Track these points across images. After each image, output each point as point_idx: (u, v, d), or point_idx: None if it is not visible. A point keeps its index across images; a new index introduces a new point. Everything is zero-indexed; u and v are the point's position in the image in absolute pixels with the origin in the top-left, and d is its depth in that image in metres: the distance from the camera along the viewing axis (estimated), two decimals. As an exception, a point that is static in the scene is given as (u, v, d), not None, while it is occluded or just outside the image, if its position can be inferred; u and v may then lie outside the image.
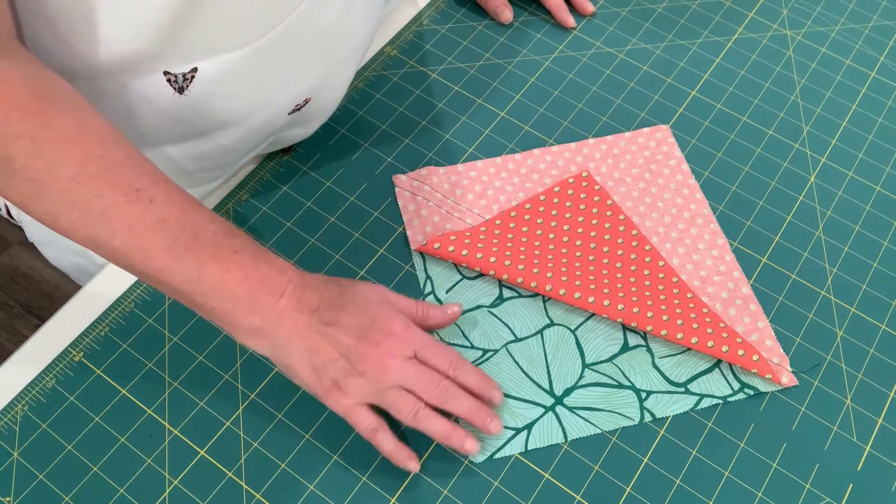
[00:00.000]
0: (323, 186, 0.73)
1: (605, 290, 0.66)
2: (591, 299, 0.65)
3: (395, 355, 0.56)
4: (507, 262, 0.67)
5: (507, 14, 0.84)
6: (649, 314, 0.64)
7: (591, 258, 0.69)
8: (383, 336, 0.56)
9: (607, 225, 0.71)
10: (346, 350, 0.56)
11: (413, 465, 0.58)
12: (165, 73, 0.57)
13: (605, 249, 0.69)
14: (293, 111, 0.67)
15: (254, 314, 0.55)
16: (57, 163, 0.50)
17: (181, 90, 0.58)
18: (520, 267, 0.67)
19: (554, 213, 0.71)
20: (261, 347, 0.57)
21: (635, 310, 0.65)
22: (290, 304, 0.56)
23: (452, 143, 0.76)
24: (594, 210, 0.72)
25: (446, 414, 0.58)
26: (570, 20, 0.85)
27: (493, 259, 0.67)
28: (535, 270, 0.67)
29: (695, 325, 0.64)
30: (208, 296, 0.54)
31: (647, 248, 0.70)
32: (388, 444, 0.57)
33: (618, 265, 0.68)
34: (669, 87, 0.82)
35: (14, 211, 0.76)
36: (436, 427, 0.57)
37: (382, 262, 0.69)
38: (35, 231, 0.77)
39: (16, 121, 0.49)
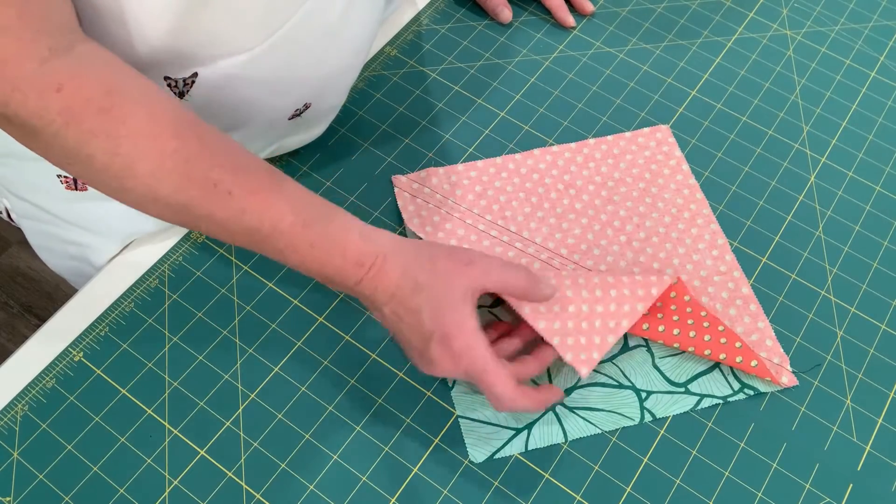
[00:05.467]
0: (323, 186, 0.73)
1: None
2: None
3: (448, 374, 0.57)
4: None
5: (506, 14, 0.84)
6: (644, 326, 0.64)
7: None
8: (438, 357, 0.56)
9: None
10: (417, 348, 0.57)
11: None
12: (166, 77, 0.57)
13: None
14: (293, 116, 0.67)
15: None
16: (134, 160, 0.50)
17: (181, 95, 0.58)
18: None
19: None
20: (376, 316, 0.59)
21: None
22: (367, 291, 0.56)
23: (452, 143, 0.76)
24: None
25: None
26: (569, 20, 0.85)
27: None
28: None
29: (692, 334, 0.63)
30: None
31: (648, 250, 0.70)
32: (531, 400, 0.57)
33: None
34: (669, 87, 0.81)
35: (14, 214, 0.76)
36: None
37: (382, 262, 0.69)
38: (33, 236, 0.77)
39: (91, 118, 0.49)
